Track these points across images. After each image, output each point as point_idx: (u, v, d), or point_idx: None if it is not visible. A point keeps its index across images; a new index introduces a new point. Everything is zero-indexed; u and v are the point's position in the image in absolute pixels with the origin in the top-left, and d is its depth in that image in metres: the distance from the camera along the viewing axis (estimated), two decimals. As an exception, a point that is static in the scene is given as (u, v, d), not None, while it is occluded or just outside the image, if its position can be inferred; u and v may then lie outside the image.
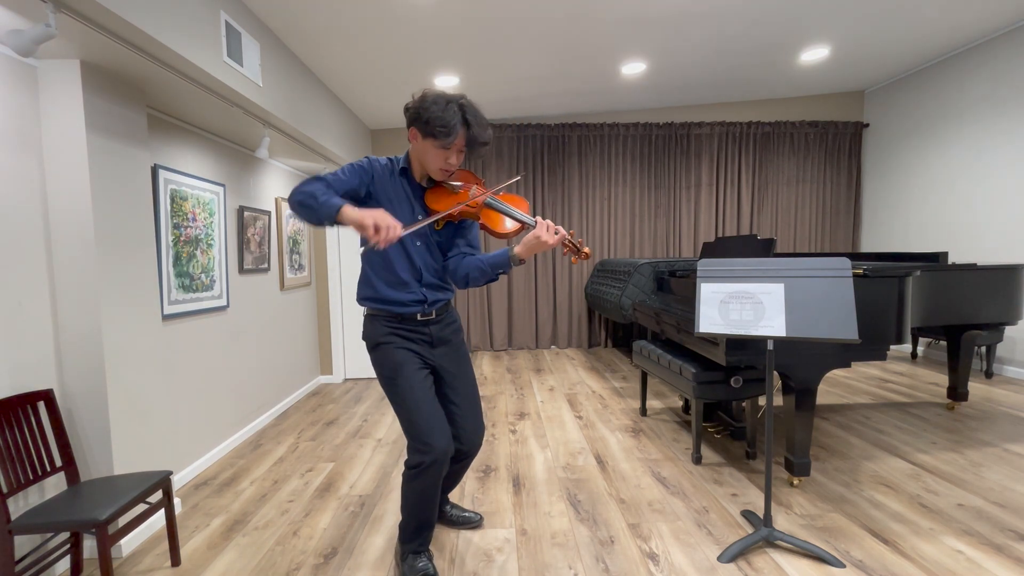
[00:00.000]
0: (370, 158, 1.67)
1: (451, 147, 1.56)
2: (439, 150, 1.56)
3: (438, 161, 1.59)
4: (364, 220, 1.37)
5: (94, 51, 1.85)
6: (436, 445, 1.61)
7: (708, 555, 1.90)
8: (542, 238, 1.50)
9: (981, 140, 4.58)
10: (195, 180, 2.83)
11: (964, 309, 2.93)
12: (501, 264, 1.61)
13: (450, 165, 1.61)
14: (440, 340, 1.78)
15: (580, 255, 1.59)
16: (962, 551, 1.88)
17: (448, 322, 1.81)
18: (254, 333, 3.54)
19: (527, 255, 1.55)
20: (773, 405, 3.30)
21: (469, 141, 1.58)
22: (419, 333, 1.73)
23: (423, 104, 1.53)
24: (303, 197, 1.45)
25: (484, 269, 1.64)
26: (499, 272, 1.63)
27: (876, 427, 3.18)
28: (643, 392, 3.49)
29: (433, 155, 1.58)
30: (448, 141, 1.53)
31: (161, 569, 1.93)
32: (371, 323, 1.73)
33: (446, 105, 1.52)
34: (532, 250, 1.53)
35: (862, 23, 3.99)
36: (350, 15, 3.07)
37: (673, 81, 5.02)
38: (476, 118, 1.56)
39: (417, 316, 1.71)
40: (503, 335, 6.04)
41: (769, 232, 6.11)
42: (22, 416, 1.79)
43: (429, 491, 1.69)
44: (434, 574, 1.73)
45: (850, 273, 1.73)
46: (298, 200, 1.46)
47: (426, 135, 1.55)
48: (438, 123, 1.50)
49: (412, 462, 1.65)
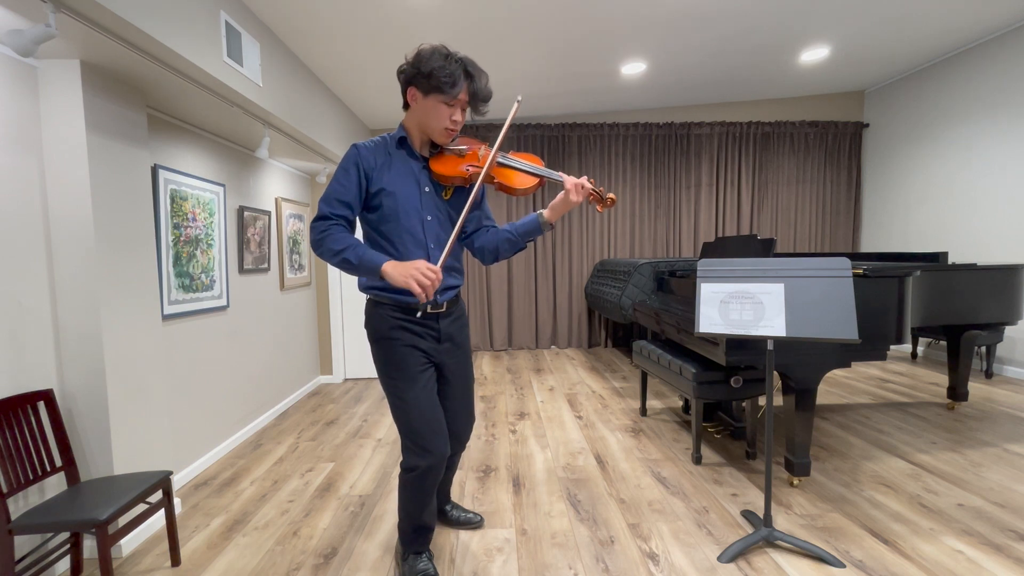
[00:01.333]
0: (356, 145, 1.57)
1: (455, 102, 1.49)
2: (443, 106, 1.49)
3: (442, 120, 1.51)
4: (408, 284, 1.37)
5: (94, 51, 1.85)
6: (434, 450, 1.58)
7: (708, 555, 1.90)
8: (572, 198, 1.47)
9: (981, 140, 4.58)
10: (195, 180, 2.83)
11: (964, 309, 2.93)
12: (532, 231, 1.57)
13: (455, 123, 1.53)
14: (447, 336, 1.70)
15: (605, 203, 1.55)
16: (962, 551, 1.88)
17: (457, 316, 1.74)
18: (254, 333, 3.54)
19: (556, 217, 1.52)
20: (773, 405, 3.30)
21: (472, 94, 1.50)
22: (427, 328, 1.64)
23: (422, 58, 1.46)
24: (338, 262, 1.45)
25: (514, 239, 1.61)
26: (529, 240, 1.59)
27: (876, 427, 3.18)
28: (643, 392, 3.49)
29: (437, 113, 1.50)
30: (454, 92, 1.46)
31: (161, 569, 1.93)
32: (375, 312, 1.62)
33: (445, 58, 1.45)
34: (562, 211, 1.50)
35: (862, 23, 3.99)
36: (350, 15, 3.07)
37: (673, 81, 5.02)
38: (477, 70, 1.50)
39: (428, 309, 1.62)
40: (503, 335, 6.04)
41: (769, 232, 6.11)
42: (22, 416, 1.79)
43: (426, 494, 1.67)
44: (434, 574, 1.73)
45: (850, 273, 1.73)
46: (335, 264, 1.47)
47: (429, 91, 1.47)
48: (442, 74, 1.43)
49: (408, 464, 1.62)
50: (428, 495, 1.68)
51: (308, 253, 4.58)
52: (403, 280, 1.37)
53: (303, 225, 4.48)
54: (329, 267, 4.72)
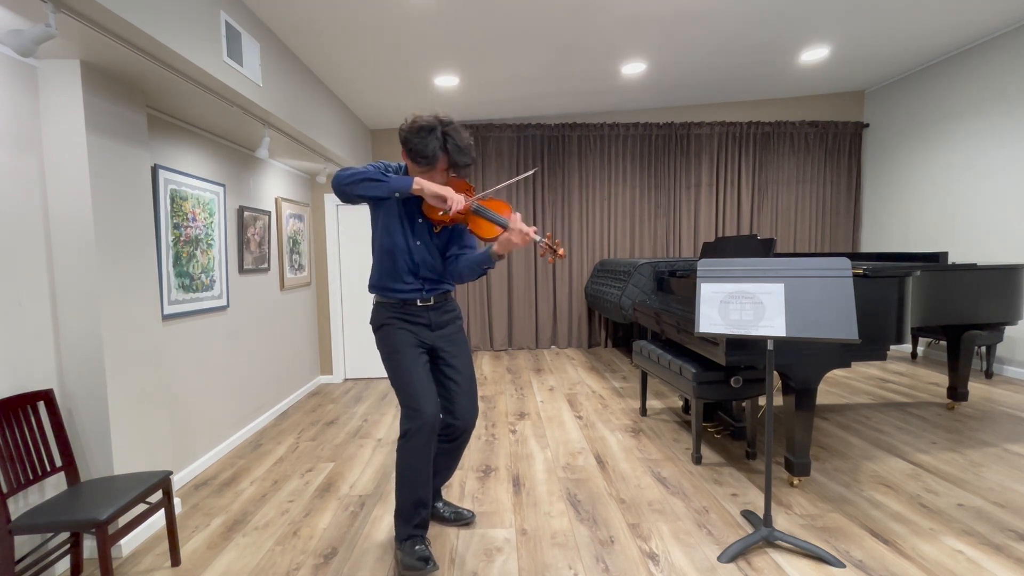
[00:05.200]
0: (383, 162, 1.83)
1: (434, 170, 1.76)
2: (421, 170, 1.78)
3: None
4: (442, 192, 1.67)
5: (94, 51, 1.85)
6: (425, 410, 1.77)
7: (708, 555, 1.90)
8: (512, 239, 1.70)
9: (981, 140, 4.58)
10: (195, 180, 2.83)
11: (964, 309, 2.93)
12: (484, 261, 1.82)
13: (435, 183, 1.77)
14: (438, 324, 1.93)
15: (556, 255, 1.76)
16: (962, 551, 1.88)
17: (447, 309, 1.96)
18: (254, 333, 3.54)
19: (502, 251, 1.76)
20: (773, 405, 3.30)
21: (450, 165, 1.77)
22: (419, 317, 1.89)
23: (408, 135, 1.75)
24: (369, 173, 1.68)
25: (472, 266, 1.85)
26: (484, 268, 1.84)
27: (876, 427, 3.18)
28: (643, 392, 3.49)
29: (418, 174, 1.80)
30: (428, 165, 1.75)
31: (161, 569, 1.93)
32: (378, 309, 1.92)
33: (427, 135, 1.71)
34: (505, 248, 1.73)
35: (862, 23, 3.99)
36: (350, 15, 3.07)
37: (673, 81, 5.02)
38: (456, 143, 1.74)
39: (417, 302, 1.89)
40: (503, 335, 6.04)
41: (769, 232, 6.11)
42: (22, 416, 1.79)
43: (420, 462, 1.79)
44: (430, 557, 1.78)
45: (850, 273, 1.73)
46: (363, 176, 1.68)
47: (411, 159, 1.77)
48: (419, 153, 1.72)
49: (403, 429, 1.80)
50: (422, 460, 1.79)
51: (308, 253, 4.58)
52: (437, 188, 1.68)
53: (303, 225, 4.48)
54: (329, 267, 4.72)
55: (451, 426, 1.97)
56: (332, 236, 4.75)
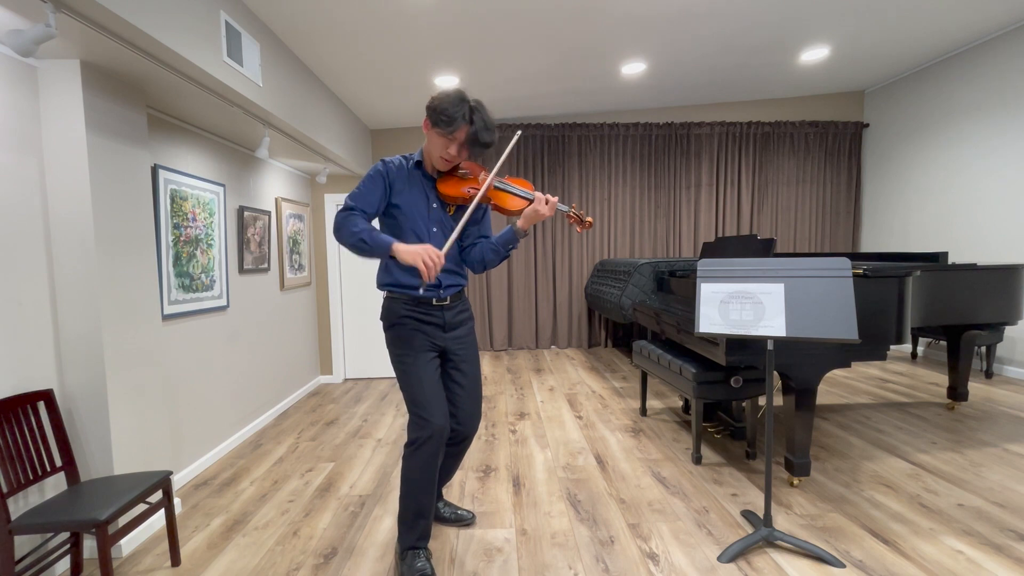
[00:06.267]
0: (384, 160, 1.80)
1: (452, 138, 1.68)
2: (440, 139, 1.70)
3: (439, 149, 1.72)
4: (415, 261, 1.57)
5: (94, 51, 1.85)
6: (434, 420, 1.73)
7: (708, 555, 1.90)
8: (539, 210, 1.69)
9: (981, 140, 4.58)
10: (195, 180, 2.83)
11: (964, 309, 2.93)
12: (510, 240, 1.79)
13: (449, 155, 1.72)
14: (452, 325, 1.88)
15: (583, 224, 1.74)
16: (962, 551, 1.88)
17: (461, 310, 1.92)
18: (254, 333, 3.53)
19: (527, 226, 1.74)
20: (773, 405, 3.30)
21: (469, 137, 1.69)
22: (433, 317, 1.84)
23: (439, 95, 1.68)
24: (355, 241, 1.65)
25: (497, 249, 1.84)
26: (510, 248, 1.82)
27: (876, 427, 3.18)
28: (643, 392, 3.49)
29: (435, 143, 1.72)
30: (448, 131, 1.66)
31: (161, 569, 1.93)
32: (390, 305, 1.86)
33: (457, 101, 1.66)
34: (531, 221, 1.73)
35: (862, 23, 3.99)
36: (350, 15, 3.07)
37: (673, 81, 5.02)
38: (482, 119, 1.68)
39: (432, 301, 1.83)
40: (503, 335, 6.04)
41: (769, 232, 6.11)
42: (22, 416, 1.79)
43: (427, 470, 1.75)
44: (430, 572, 1.75)
45: (850, 273, 1.73)
46: (351, 244, 1.65)
47: (432, 123, 1.69)
48: (443, 113, 1.64)
49: (411, 438, 1.76)
50: (428, 470, 1.75)
51: (308, 253, 4.58)
52: (410, 258, 1.58)
53: (303, 225, 4.48)
54: (329, 267, 4.72)
55: (454, 431, 1.94)
56: (332, 236, 4.75)
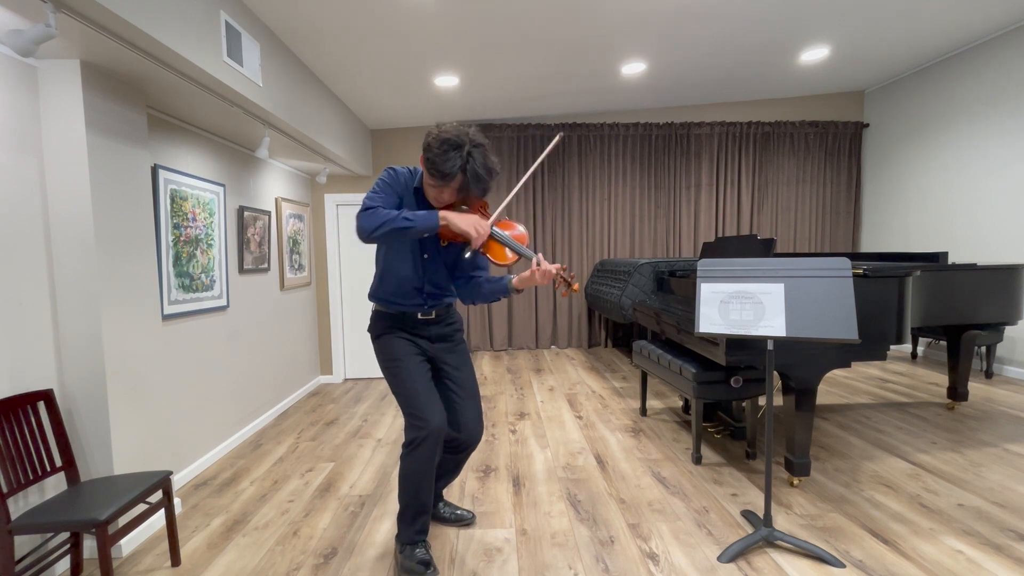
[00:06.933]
0: (394, 169, 1.80)
1: (444, 187, 1.70)
2: (432, 187, 1.72)
3: (431, 191, 1.75)
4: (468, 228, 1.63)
5: (94, 51, 1.85)
6: (431, 420, 1.72)
7: (708, 555, 1.90)
8: (536, 278, 1.69)
9: (981, 140, 4.58)
10: (195, 180, 2.83)
11: (964, 309, 2.93)
12: (500, 292, 1.81)
13: (442, 200, 1.75)
14: (439, 337, 1.90)
15: (570, 288, 1.73)
16: (962, 551, 1.88)
17: (448, 322, 1.93)
18: (254, 333, 3.53)
19: (523, 287, 1.74)
20: (773, 405, 3.30)
21: (462, 188, 1.69)
22: (419, 330, 1.87)
23: (431, 143, 1.65)
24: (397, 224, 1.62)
25: (486, 294, 1.85)
26: (499, 297, 1.83)
27: (876, 427, 3.18)
28: (643, 392, 3.49)
29: (429, 188, 1.75)
30: (442, 183, 1.67)
31: (161, 569, 1.93)
32: (377, 318, 1.88)
33: (451, 151, 1.63)
34: (527, 284, 1.73)
35: (862, 23, 3.99)
36: (350, 15, 3.06)
37: (673, 81, 5.02)
38: (476, 168, 1.66)
39: (418, 315, 1.85)
40: (503, 335, 6.04)
41: (769, 232, 6.11)
42: (22, 416, 1.79)
43: (425, 471, 1.75)
44: (430, 561, 1.78)
45: (850, 273, 1.73)
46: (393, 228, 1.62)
47: (426, 169, 1.69)
48: (436, 167, 1.64)
49: (408, 439, 1.76)
50: (426, 468, 1.75)
51: (308, 253, 4.58)
52: (465, 226, 1.64)
53: (303, 225, 4.48)
54: (329, 267, 4.72)
55: (456, 439, 1.94)
56: (332, 236, 4.75)
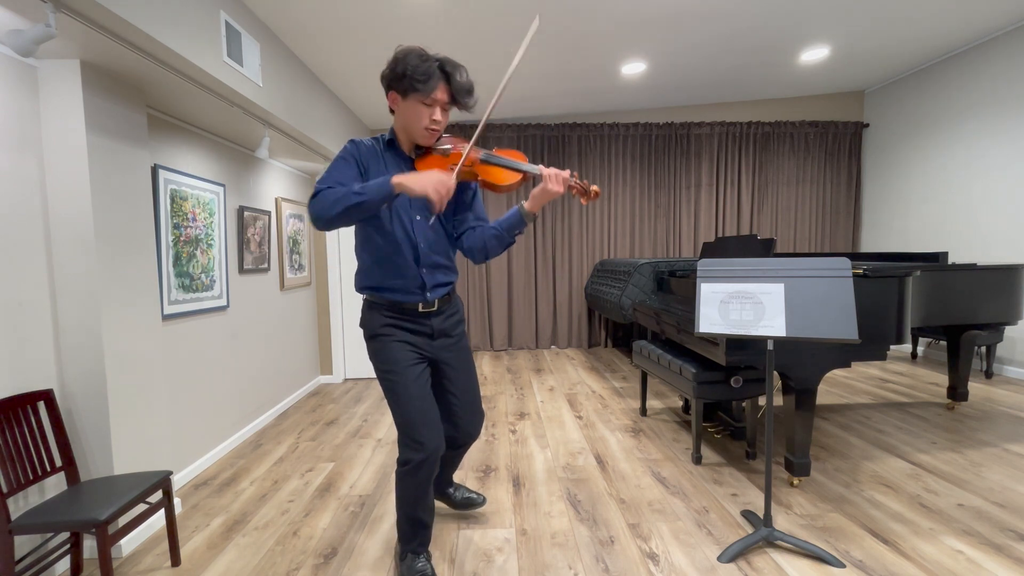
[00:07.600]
0: (353, 141, 1.58)
1: (434, 101, 1.49)
2: (422, 107, 1.49)
3: (423, 119, 1.52)
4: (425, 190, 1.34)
5: (94, 51, 1.85)
6: (427, 443, 1.60)
7: (708, 555, 1.90)
8: (550, 188, 1.48)
9: (981, 140, 4.58)
10: (195, 180, 2.83)
11: (964, 309, 2.93)
12: (516, 224, 1.58)
13: (436, 123, 1.53)
14: (441, 332, 1.73)
15: (589, 195, 1.55)
16: (962, 551, 1.88)
17: (450, 314, 1.76)
18: (254, 333, 3.53)
19: (537, 208, 1.53)
20: (773, 405, 3.30)
21: (452, 92, 1.50)
22: (419, 325, 1.68)
23: (397, 60, 1.46)
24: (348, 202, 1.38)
25: (500, 235, 1.61)
26: (515, 233, 1.60)
27: (876, 427, 3.18)
28: (643, 392, 3.49)
29: (416, 113, 1.51)
30: (428, 89, 1.46)
31: (161, 569, 1.93)
32: (369, 312, 1.68)
33: (421, 57, 1.45)
34: (542, 202, 1.51)
35: (862, 23, 3.99)
36: (350, 15, 3.07)
37: (673, 81, 5.02)
38: (455, 68, 1.49)
39: (418, 307, 1.65)
40: (503, 335, 6.04)
41: (769, 232, 6.11)
42: (22, 416, 1.79)
43: (421, 489, 1.67)
44: (431, 574, 1.73)
45: (850, 273, 1.73)
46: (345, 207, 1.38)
47: (406, 92, 1.48)
48: (416, 73, 1.43)
49: (403, 458, 1.64)
50: (423, 489, 1.68)
51: (308, 253, 4.58)
52: (420, 188, 1.35)
53: (303, 225, 4.48)
54: (329, 267, 4.72)
55: (453, 437, 1.88)
56: (332, 236, 4.74)
